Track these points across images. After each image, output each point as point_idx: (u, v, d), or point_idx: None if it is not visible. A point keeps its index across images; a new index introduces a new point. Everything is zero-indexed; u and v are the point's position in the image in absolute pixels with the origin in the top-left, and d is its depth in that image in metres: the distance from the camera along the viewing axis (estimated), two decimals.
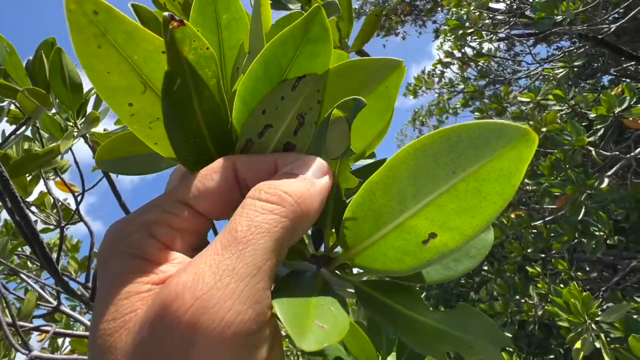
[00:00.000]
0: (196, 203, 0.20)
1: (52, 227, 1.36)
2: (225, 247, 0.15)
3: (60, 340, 1.54)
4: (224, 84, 0.24)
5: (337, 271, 0.24)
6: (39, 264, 1.21)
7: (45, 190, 1.47)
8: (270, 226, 0.16)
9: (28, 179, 1.03)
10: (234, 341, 0.14)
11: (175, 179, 0.24)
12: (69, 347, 1.56)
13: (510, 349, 2.15)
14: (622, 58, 2.42)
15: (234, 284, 0.14)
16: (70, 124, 0.74)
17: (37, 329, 0.96)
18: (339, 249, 0.24)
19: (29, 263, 1.27)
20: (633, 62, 2.31)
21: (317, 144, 0.22)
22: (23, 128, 0.77)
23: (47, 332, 0.95)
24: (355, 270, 0.24)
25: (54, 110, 0.75)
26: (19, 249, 1.34)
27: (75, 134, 0.72)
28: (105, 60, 0.21)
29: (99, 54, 0.21)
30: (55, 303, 1.07)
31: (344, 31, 0.71)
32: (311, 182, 0.19)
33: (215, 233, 0.28)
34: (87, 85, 0.79)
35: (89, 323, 1.07)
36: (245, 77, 0.22)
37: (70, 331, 1.03)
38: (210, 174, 0.21)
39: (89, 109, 0.77)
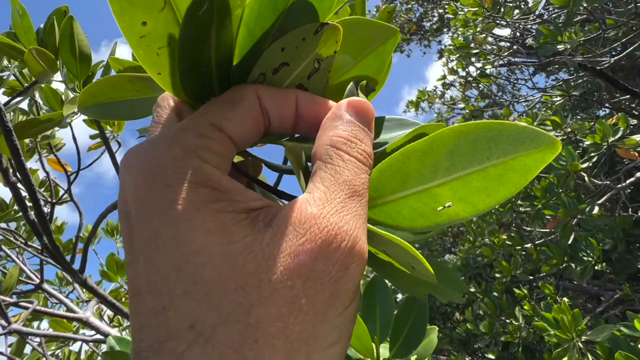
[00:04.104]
0: (229, 126, 0.20)
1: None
2: (350, 197, 0.20)
3: (35, 324, 1.49)
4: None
5: None
6: (23, 240, 1.18)
7: (35, 168, 1.44)
8: (367, 182, 0.21)
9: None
10: (365, 263, 0.19)
11: (166, 107, 0.23)
12: (44, 330, 1.50)
13: None
14: (617, 92, 2.49)
15: (364, 226, 0.20)
16: (77, 94, 0.73)
17: (16, 304, 0.93)
18: None
19: (12, 238, 1.24)
20: (627, 96, 2.38)
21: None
22: (27, 94, 0.76)
23: (27, 308, 0.92)
24: None
25: (60, 79, 0.74)
26: (3, 223, 1.30)
27: None
28: None
29: None
30: (37, 280, 1.04)
31: None
32: (371, 138, 0.23)
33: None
34: (95, 58, 0.78)
35: (70, 304, 1.04)
36: (251, 0, 0.22)
37: (51, 310, 1.00)
38: (238, 98, 0.21)
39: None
